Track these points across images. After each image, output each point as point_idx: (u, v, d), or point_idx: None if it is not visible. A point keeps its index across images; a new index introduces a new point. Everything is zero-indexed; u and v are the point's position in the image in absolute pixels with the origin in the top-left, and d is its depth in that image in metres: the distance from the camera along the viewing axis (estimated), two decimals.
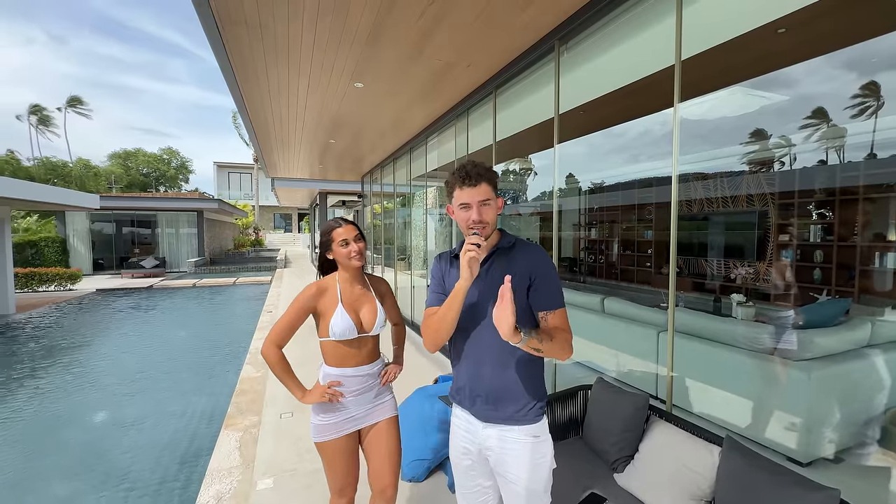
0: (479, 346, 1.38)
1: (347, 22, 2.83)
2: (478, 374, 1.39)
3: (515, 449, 1.35)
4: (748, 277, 6.25)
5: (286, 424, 3.47)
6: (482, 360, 1.38)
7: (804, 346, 2.59)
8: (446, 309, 1.33)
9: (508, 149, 4.72)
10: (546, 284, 1.35)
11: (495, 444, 1.37)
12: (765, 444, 2.50)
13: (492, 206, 1.36)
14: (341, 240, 1.73)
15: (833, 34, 2.90)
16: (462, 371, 1.44)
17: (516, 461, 1.35)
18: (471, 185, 1.33)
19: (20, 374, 5.83)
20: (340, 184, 12.60)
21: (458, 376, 1.46)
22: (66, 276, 12.85)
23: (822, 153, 6.16)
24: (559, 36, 2.90)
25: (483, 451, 1.41)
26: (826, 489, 1.36)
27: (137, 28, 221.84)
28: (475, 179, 1.33)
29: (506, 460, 1.36)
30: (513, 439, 1.36)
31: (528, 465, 1.34)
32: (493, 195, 1.36)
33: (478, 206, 1.33)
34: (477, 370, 1.39)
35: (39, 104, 32.60)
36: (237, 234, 27.69)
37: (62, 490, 3.17)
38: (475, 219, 1.33)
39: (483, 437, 1.39)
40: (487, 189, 1.35)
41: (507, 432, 1.36)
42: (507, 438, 1.36)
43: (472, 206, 1.33)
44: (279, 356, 1.70)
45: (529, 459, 1.34)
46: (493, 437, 1.38)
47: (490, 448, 1.39)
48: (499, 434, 1.37)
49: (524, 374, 1.37)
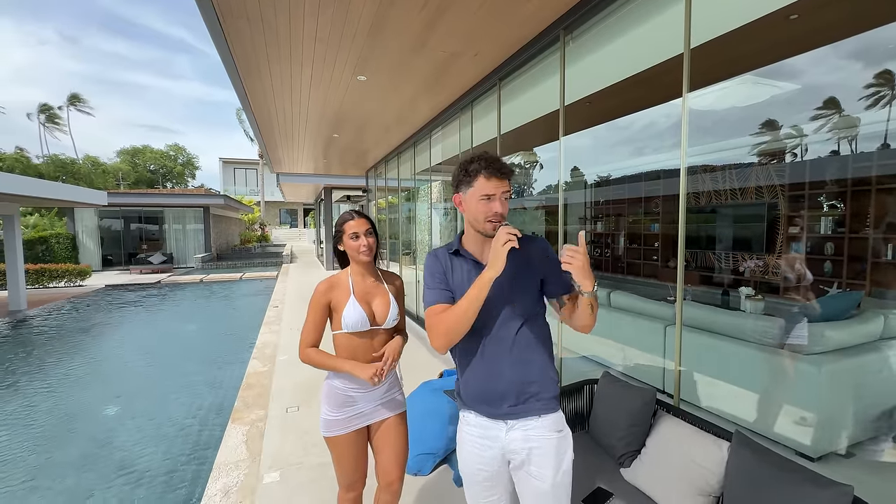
0: (496, 343, 1.34)
1: (349, 14, 2.80)
2: (497, 372, 1.34)
3: (542, 447, 1.33)
4: (757, 270, 6.17)
5: (292, 418, 3.49)
6: (499, 356, 1.34)
7: (815, 339, 2.54)
8: (468, 303, 1.25)
9: (513, 142, 4.68)
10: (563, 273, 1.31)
11: (520, 445, 1.34)
12: (774, 439, 2.47)
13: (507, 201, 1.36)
14: (352, 232, 1.73)
15: (846, 20, 2.82)
16: (476, 373, 1.37)
17: (543, 459, 1.33)
18: (501, 177, 1.31)
19: (33, 368, 5.92)
20: (345, 178, 12.60)
21: (471, 379, 1.39)
22: (75, 272, 13.00)
23: (834, 143, 6.04)
24: (564, 25, 2.84)
25: (506, 455, 1.37)
26: (839, 485, 1.33)
27: (144, 25, 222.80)
28: (507, 173, 1.33)
29: (532, 460, 1.34)
30: (538, 437, 1.34)
31: (553, 461, 1.33)
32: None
33: (501, 199, 1.31)
34: (495, 368, 1.35)
35: (48, 103, 32.90)
36: (243, 229, 27.86)
37: (72, 481, 3.21)
38: (500, 211, 1.31)
39: (507, 440, 1.35)
40: (509, 183, 1.35)
41: (532, 430, 1.34)
42: (531, 437, 1.34)
43: (497, 197, 1.31)
44: (316, 352, 1.73)
45: (555, 456, 1.33)
46: (518, 438, 1.34)
47: (515, 451, 1.35)
48: (523, 435, 1.34)
49: (542, 362, 1.37)
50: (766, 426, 2.57)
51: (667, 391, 3.08)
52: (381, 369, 1.66)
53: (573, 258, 1.21)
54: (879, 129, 5.55)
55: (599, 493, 1.88)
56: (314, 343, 1.74)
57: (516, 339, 1.33)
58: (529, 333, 1.36)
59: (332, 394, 1.76)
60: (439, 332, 1.31)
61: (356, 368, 1.67)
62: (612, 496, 1.87)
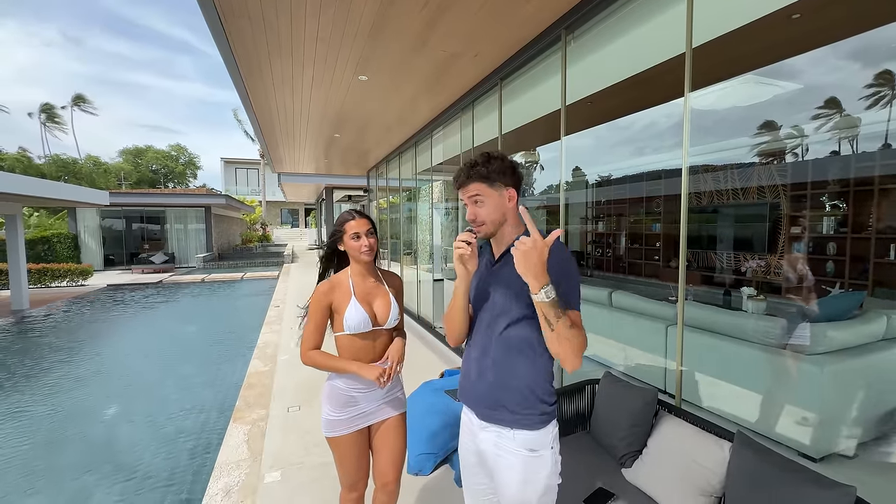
0: (480, 343, 1.36)
1: (350, 14, 2.80)
2: (476, 371, 1.35)
3: (508, 459, 1.28)
4: (759, 271, 6.15)
5: (294, 418, 3.49)
6: (481, 357, 1.34)
7: (817, 339, 2.54)
8: (450, 305, 1.37)
9: (514, 142, 4.68)
10: (568, 283, 1.22)
11: (489, 448, 1.32)
12: (776, 440, 2.46)
13: (486, 202, 1.29)
14: (353, 233, 1.72)
15: (847, 20, 2.81)
16: (464, 367, 1.43)
17: (508, 472, 1.28)
18: (459, 187, 1.33)
19: (34, 367, 5.93)
20: (346, 178, 12.61)
21: (462, 372, 1.44)
22: (77, 271, 13.03)
23: (835, 144, 6.03)
24: (566, 25, 2.84)
25: (480, 453, 1.36)
26: (841, 486, 1.33)
27: (147, 26, 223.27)
28: (461, 181, 1.32)
29: (499, 467, 1.30)
30: (507, 449, 1.28)
31: (519, 478, 1.27)
32: (488, 190, 1.28)
33: (470, 205, 1.32)
34: (475, 368, 1.35)
35: (50, 103, 32.96)
36: (244, 229, 27.88)
37: (73, 482, 3.22)
38: (468, 218, 1.33)
39: (480, 439, 1.35)
40: (478, 186, 1.29)
41: (503, 439, 1.29)
42: (501, 446, 1.29)
43: (468, 204, 1.33)
44: (319, 354, 1.72)
45: (521, 473, 1.27)
46: (489, 440, 1.32)
47: (484, 451, 1.34)
48: (495, 440, 1.31)
49: (525, 371, 1.28)
50: (768, 426, 2.57)
51: (668, 391, 3.08)
52: (388, 373, 1.67)
53: (517, 248, 1.12)
54: (880, 129, 5.53)
55: (601, 494, 1.88)
56: (316, 345, 1.73)
57: (497, 342, 1.30)
58: (514, 338, 1.28)
59: (334, 394, 1.75)
60: (445, 327, 1.44)
61: (362, 369, 1.66)
62: (613, 496, 1.86)
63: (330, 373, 1.79)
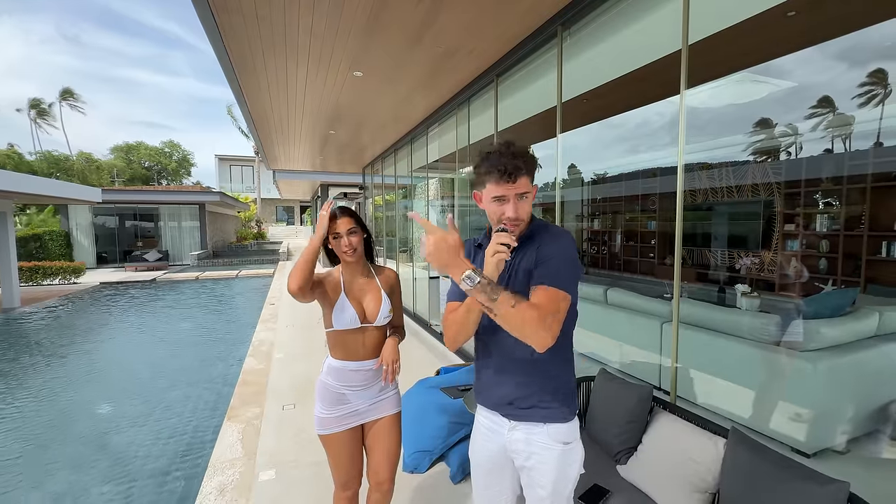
0: (501, 342, 1.27)
1: (344, 9, 2.77)
2: (501, 371, 1.30)
3: (543, 455, 1.26)
4: (753, 268, 6.19)
5: (288, 416, 3.48)
6: (504, 356, 1.29)
7: (810, 336, 2.55)
8: (466, 310, 1.19)
9: (510, 139, 4.65)
10: (548, 263, 1.16)
11: (522, 447, 1.29)
12: (770, 436, 2.48)
13: (529, 198, 1.19)
14: (333, 233, 1.68)
15: (843, 17, 2.82)
16: (484, 369, 1.36)
17: (543, 467, 1.26)
18: (509, 181, 1.15)
19: (26, 365, 5.87)
20: (342, 176, 12.56)
21: (482, 374, 1.38)
22: (69, 269, 12.91)
23: (828, 142, 6.07)
24: (562, 21, 2.83)
25: (508, 453, 1.33)
26: (835, 482, 1.34)
27: (139, 21, 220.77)
28: (512, 173, 1.14)
29: (532, 465, 1.28)
30: (541, 444, 1.26)
31: (555, 472, 1.26)
32: (531, 186, 1.19)
33: (515, 201, 1.17)
34: (499, 367, 1.30)
35: (39, 98, 32.53)
36: (239, 226, 27.72)
37: (66, 480, 3.19)
38: (511, 216, 1.17)
39: (509, 439, 1.31)
40: (526, 181, 1.17)
41: (535, 435, 1.27)
42: (534, 443, 1.27)
43: (510, 199, 1.17)
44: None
45: (557, 467, 1.26)
46: (520, 439, 1.29)
47: (516, 451, 1.30)
48: (526, 437, 1.28)
49: (550, 367, 1.26)
50: (761, 423, 2.58)
51: (663, 388, 3.09)
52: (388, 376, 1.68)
53: (426, 255, 1.06)
54: (873, 127, 5.57)
55: (596, 491, 1.88)
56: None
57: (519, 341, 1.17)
58: None
59: (324, 391, 1.74)
60: (448, 334, 1.30)
61: (315, 236, 1.65)
62: (609, 493, 1.87)
63: (322, 370, 1.78)
